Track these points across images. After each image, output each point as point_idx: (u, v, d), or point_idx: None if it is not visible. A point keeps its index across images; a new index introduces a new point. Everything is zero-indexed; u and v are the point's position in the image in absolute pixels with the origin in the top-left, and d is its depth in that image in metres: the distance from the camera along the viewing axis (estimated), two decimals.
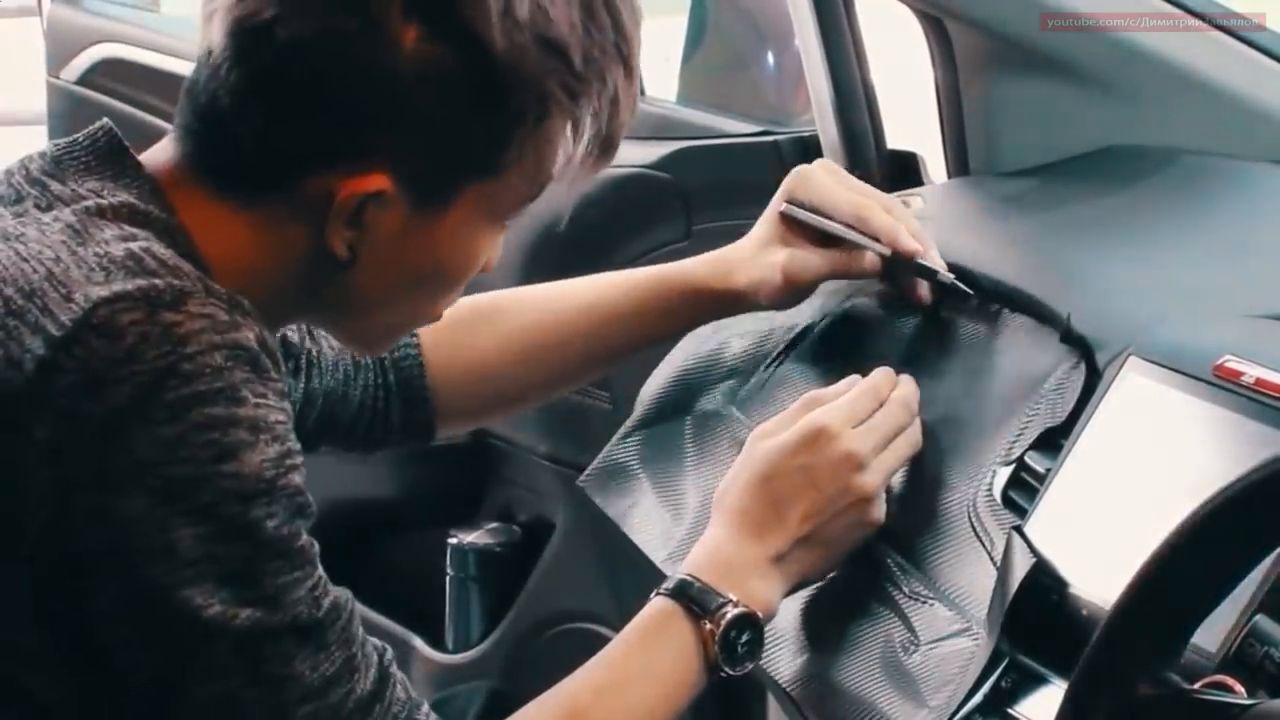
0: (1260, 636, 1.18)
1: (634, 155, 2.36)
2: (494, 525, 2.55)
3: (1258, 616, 1.18)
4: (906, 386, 1.50)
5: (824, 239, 1.63)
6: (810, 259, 1.62)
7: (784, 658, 1.48)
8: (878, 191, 1.66)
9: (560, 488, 2.44)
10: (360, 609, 1.23)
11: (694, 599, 1.37)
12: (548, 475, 2.47)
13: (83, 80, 2.89)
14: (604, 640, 1.41)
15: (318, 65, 1.19)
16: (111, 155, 1.25)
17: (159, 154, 1.27)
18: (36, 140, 3.15)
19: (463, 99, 1.21)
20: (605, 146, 1.30)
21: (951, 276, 1.61)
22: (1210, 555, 1.06)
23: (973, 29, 2.00)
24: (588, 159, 1.29)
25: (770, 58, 2.55)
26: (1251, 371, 1.31)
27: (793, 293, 1.63)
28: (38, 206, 1.23)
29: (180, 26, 2.98)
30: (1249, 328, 1.44)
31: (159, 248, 1.18)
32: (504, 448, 2.51)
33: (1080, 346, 1.48)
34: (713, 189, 2.33)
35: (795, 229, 1.63)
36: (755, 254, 1.64)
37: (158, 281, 1.15)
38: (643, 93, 2.49)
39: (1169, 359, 1.38)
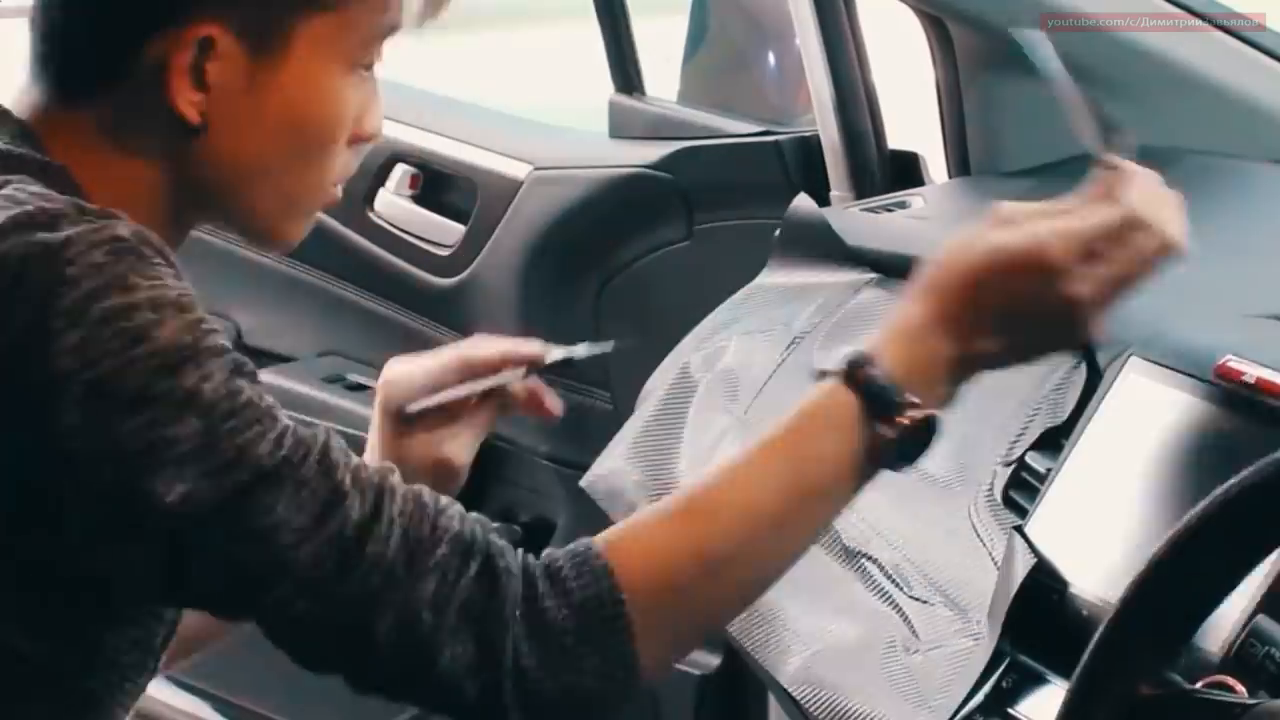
0: (1260, 636, 1.18)
1: (634, 155, 2.36)
2: (495, 525, 2.54)
3: (1258, 616, 1.19)
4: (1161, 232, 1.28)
5: (452, 408, 1.47)
6: (462, 434, 1.47)
7: (784, 658, 1.48)
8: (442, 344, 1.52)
9: (561, 488, 2.44)
10: None
11: (877, 395, 1.20)
12: (549, 475, 2.47)
13: None
14: None
15: None
16: None
17: (20, 99, 1.26)
18: None
19: None
20: None
21: (580, 351, 1.49)
22: (1211, 555, 1.06)
23: (974, 29, 2.00)
24: None
25: (771, 58, 2.55)
26: (1252, 371, 1.31)
27: (459, 476, 1.48)
28: None
29: None
30: (1249, 328, 1.44)
31: (32, 185, 1.18)
32: (505, 448, 2.51)
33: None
34: (713, 189, 2.34)
35: (418, 426, 1.47)
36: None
37: (29, 208, 1.15)
38: (643, 92, 2.52)
39: (1170, 359, 1.38)
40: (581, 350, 1.50)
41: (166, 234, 1.22)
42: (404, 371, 1.48)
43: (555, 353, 1.49)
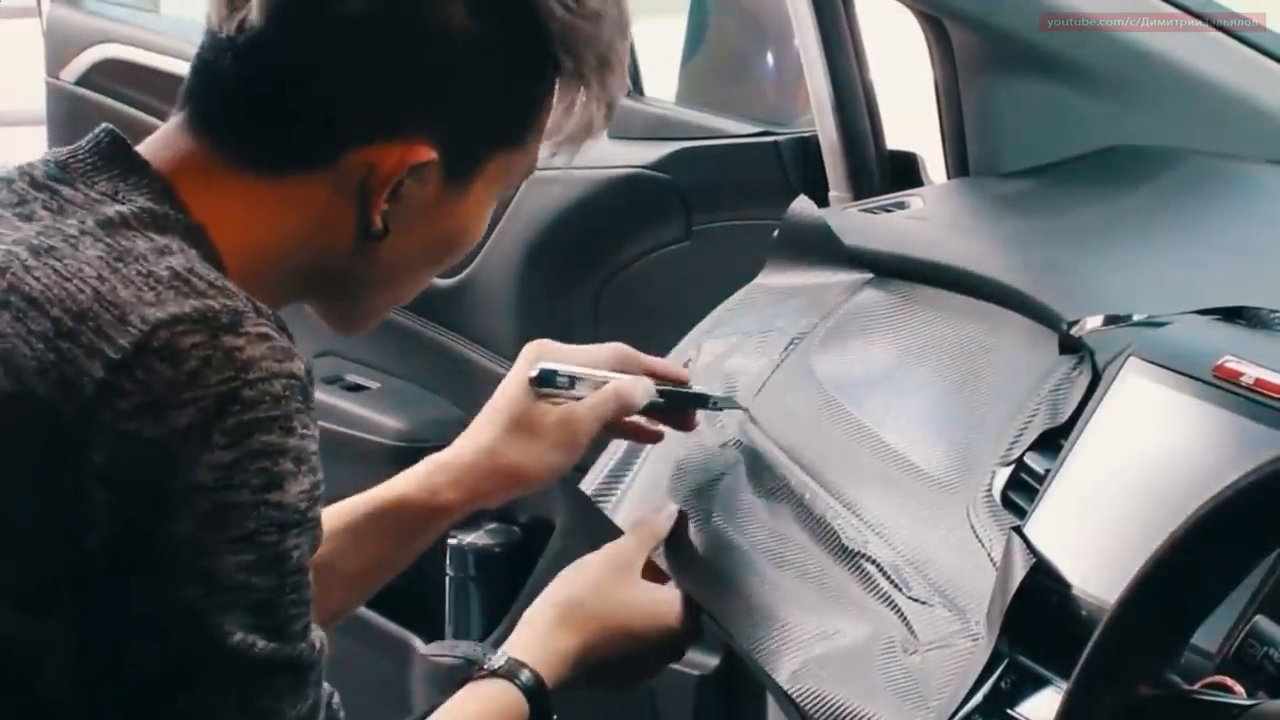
0: (1260, 636, 1.18)
1: (634, 155, 2.36)
2: (494, 525, 2.55)
3: (1258, 616, 1.18)
4: None
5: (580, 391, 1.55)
6: (580, 409, 1.54)
7: (783, 658, 1.47)
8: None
9: (560, 488, 2.43)
10: (359, 609, 1.24)
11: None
12: None
13: (83, 80, 2.89)
14: None
15: (369, 37, 1.21)
16: (117, 155, 1.24)
17: (166, 146, 1.25)
18: (36, 140, 3.15)
19: (509, 70, 1.25)
20: (610, 111, 1.32)
21: (718, 392, 1.60)
22: (1210, 555, 1.06)
23: (972, 29, 2.00)
24: (598, 124, 1.32)
25: (769, 58, 2.55)
26: (1251, 372, 1.31)
27: (573, 453, 1.56)
28: (47, 209, 1.21)
29: (180, 27, 2.97)
30: (1249, 328, 1.44)
31: (200, 265, 1.18)
32: None
33: (1080, 347, 1.48)
34: (713, 189, 2.34)
35: (546, 394, 1.54)
36: (505, 448, 1.55)
37: (212, 303, 1.15)
38: (641, 92, 2.52)
39: (1169, 359, 1.37)
40: (719, 396, 1.57)
41: (275, 302, 1.24)
42: (556, 345, 1.57)
43: (696, 386, 1.58)
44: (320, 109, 1.22)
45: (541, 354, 1.56)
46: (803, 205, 1.80)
